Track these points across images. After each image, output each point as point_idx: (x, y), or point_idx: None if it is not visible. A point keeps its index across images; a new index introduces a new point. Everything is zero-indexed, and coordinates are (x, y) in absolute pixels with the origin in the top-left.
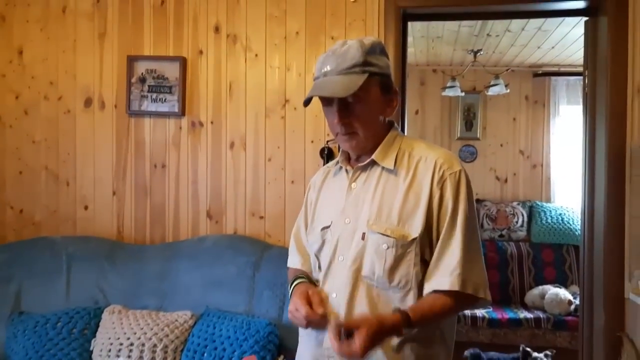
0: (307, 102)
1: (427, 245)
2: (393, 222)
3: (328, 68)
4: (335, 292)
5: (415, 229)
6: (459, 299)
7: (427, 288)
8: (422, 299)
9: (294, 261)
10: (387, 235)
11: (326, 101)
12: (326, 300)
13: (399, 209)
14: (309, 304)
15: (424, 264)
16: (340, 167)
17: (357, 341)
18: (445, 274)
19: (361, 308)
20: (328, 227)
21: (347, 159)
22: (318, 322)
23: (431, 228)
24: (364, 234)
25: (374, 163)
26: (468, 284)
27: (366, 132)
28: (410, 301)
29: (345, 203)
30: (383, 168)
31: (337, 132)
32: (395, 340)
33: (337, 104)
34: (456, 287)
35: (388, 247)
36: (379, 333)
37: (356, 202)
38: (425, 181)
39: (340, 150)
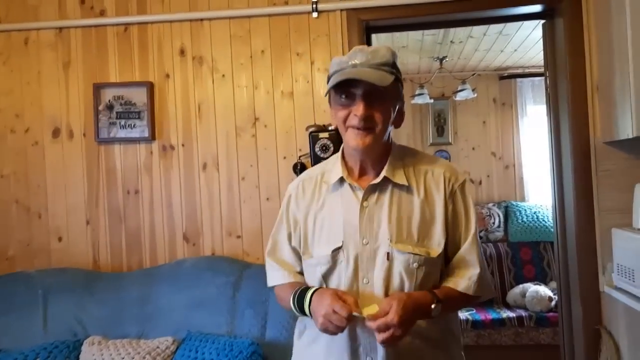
0: (335, 87)
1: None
2: (414, 239)
3: (357, 61)
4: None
5: (437, 244)
6: (470, 297)
7: (444, 284)
8: (441, 286)
9: (278, 276)
10: (416, 254)
11: (347, 93)
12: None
13: (418, 226)
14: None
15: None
16: (342, 182)
17: (391, 313)
18: (465, 279)
19: None
20: (340, 247)
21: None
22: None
23: (446, 238)
24: (388, 253)
25: (385, 180)
26: (479, 290)
27: (382, 131)
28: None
29: (359, 223)
30: (394, 184)
31: (349, 126)
32: (422, 325)
33: (363, 95)
34: (471, 292)
35: (419, 265)
36: (409, 303)
37: (371, 221)
38: (437, 195)
39: (340, 162)
